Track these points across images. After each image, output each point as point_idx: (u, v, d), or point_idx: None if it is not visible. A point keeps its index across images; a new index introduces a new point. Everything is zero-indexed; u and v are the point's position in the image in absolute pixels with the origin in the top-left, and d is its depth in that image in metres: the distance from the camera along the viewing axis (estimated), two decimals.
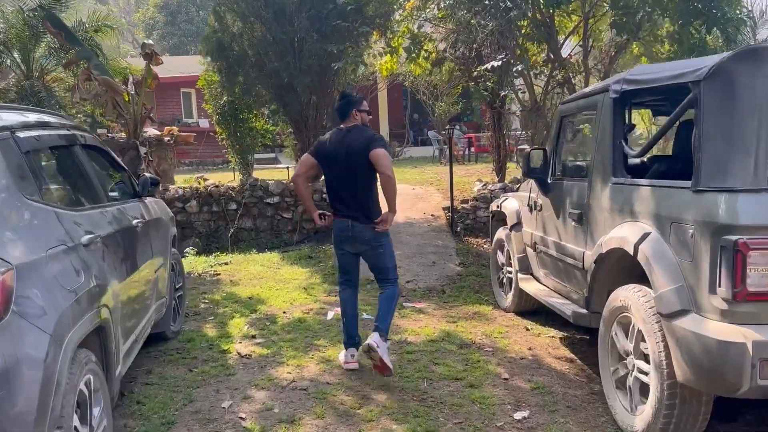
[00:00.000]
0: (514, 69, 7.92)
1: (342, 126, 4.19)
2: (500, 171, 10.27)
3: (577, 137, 5.47)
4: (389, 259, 4.25)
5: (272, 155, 15.69)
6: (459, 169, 14.73)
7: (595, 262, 3.71)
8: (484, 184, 10.27)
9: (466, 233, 9.45)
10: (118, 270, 3.32)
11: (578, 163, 4.96)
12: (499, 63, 7.96)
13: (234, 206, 9.54)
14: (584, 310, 4.01)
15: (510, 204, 5.75)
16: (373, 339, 3.93)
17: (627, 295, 3.27)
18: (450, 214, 9.41)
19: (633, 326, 3.23)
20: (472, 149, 17.60)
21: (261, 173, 14.56)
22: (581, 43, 9.07)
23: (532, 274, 5.32)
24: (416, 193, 10.71)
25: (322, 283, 6.96)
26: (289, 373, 4.24)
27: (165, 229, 4.92)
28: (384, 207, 4.16)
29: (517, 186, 6.26)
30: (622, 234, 3.37)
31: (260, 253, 8.67)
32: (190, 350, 4.75)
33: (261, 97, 9.64)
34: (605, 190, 3.74)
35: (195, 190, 9.65)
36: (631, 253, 3.18)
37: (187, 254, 8.51)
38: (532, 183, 5.15)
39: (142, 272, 3.90)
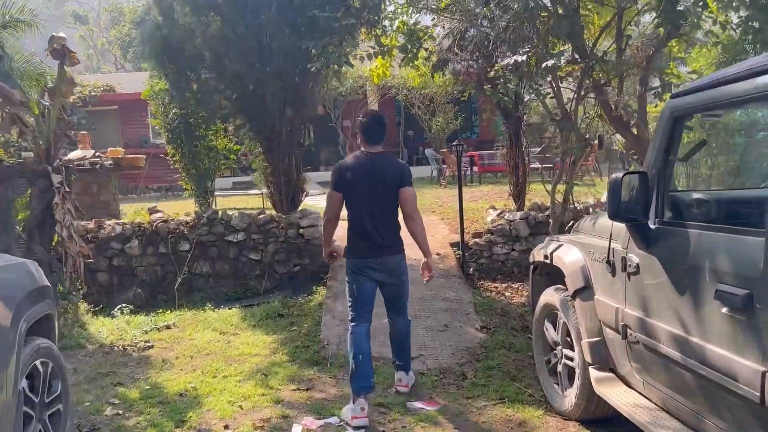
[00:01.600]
0: (543, 65, 6.04)
1: (367, 151, 3.96)
2: (519, 196, 8.37)
3: (723, 152, 3.54)
4: (407, 289, 4.19)
5: (248, 178, 13.68)
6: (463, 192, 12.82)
7: None
8: (500, 213, 8.36)
9: (482, 276, 7.53)
10: None
11: (726, 197, 3.04)
12: (524, 57, 6.08)
13: (186, 246, 7.56)
14: None
15: (569, 255, 3.80)
16: (402, 383, 4.19)
17: None
18: (460, 251, 7.48)
19: None
20: (475, 169, 15.70)
21: (233, 201, 12.61)
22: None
23: (614, 371, 3.37)
24: None
25: (291, 362, 4.98)
26: None
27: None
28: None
29: (570, 223, 4.22)
30: None
31: (217, 309, 6.67)
32: None
33: (221, 108, 7.72)
34: None
35: (138, 226, 7.67)
36: None
37: (115, 316, 6.50)
38: (613, 226, 3.22)
39: None
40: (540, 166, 8.88)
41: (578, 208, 7.60)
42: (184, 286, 7.52)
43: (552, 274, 4.18)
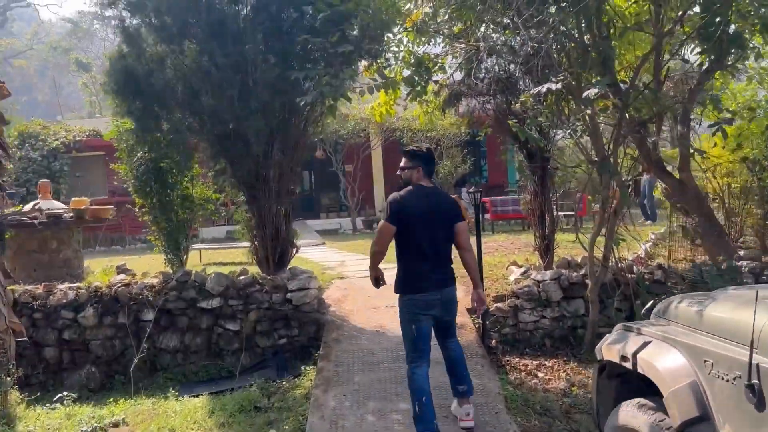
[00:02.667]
0: (585, 95, 4.91)
1: (421, 184, 4.00)
2: (546, 251, 7.13)
3: None
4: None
5: (232, 227, 12.39)
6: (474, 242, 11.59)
7: None
8: (525, 271, 7.11)
9: (506, 350, 6.25)
10: None
11: None
12: (558, 85, 4.96)
13: (151, 315, 6.32)
14: None
15: (666, 361, 2.53)
16: (469, 417, 4.13)
17: None
18: (480, 320, 6.21)
19: None
20: (487, 216, 14.52)
21: (221, 255, 11.39)
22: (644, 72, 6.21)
23: None
24: None
25: None
26: None
27: None
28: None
29: (657, 306, 2.90)
30: None
31: (181, 398, 5.37)
32: None
33: (196, 151, 6.60)
34: None
35: (94, 291, 6.45)
36: None
37: (55, 409, 5.22)
38: (757, 327, 1.99)
39: None
40: (558, 213, 7.73)
41: (621, 266, 6.35)
42: (146, 364, 6.25)
43: (627, 375, 2.93)
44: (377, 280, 4.18)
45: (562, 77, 5.18)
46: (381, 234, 3.98)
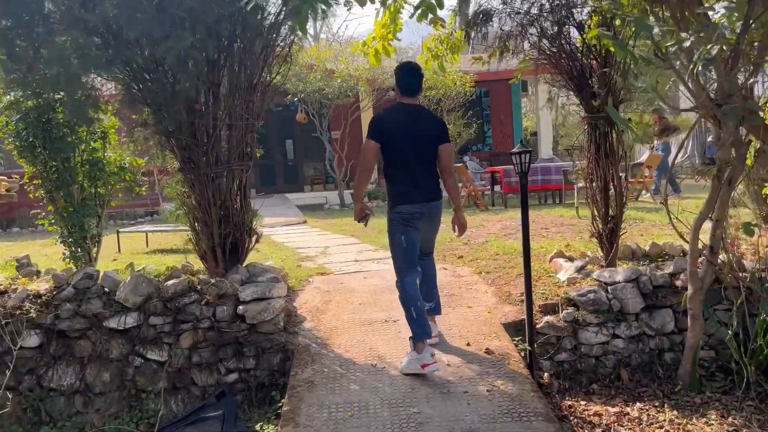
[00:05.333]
0: None
1: (402, 102, 4.00)
2: (611, 237, 5.07)
3: None
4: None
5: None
6: (487, 220, 9.55)
7: None
8: (582, 267, 5.08)
9: (565, 387, 4.28)
10: None
11: None
12: None
13: (36, 340, 4.25)
14: None
15: None
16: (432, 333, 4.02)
17: None
18: (526, 344, 4.19)
19: None
20: (497, 188, 12.44)
21: (171, 239, 9.18)
22: None
23: None
24: (439, 282, 5.44)
25: None
26: None
27: None
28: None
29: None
30: None
31: None
32: None
33: (94, 91, 4.43)
34: None
35: None
36: None
37: None
38: None
39: None
40: (627, 184, 5.58)
41: (730, 261, 4.32)
42: (26, 412, 4.20)
43: None
44: (363, 213, 4.03)
45: None
46: (364, 152, 3.94)
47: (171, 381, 4.27)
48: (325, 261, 6.64)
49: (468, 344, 4.17)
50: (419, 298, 3.90)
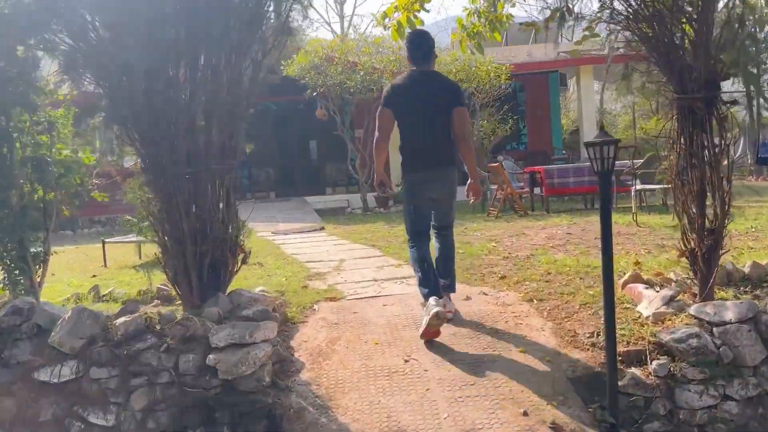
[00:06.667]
0: None
1: (413, 69, 3.96)
2: (708, 257, 3.81)
3: None
4: (454, 204, 4.19)
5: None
6: (529, 228, 8.32)
7: None
8: (673, 297, 3.85)
9: None
10: None
11: None
12: None
13: None
14: None
15: None
16: (447, 304, 3.95)
17: None
18: (608, 408, 2.99)
19: None
20: (537, 190, 11.18)
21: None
22: None
23: None
24: (478, 313, 4.25)
25: None
26: None
27: None
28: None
29: None
30: None
31: None
32: None
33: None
34: None
35: None
36: None
37: None
38: None
39: None
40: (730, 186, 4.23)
41: None
42: None
43: None
44: (383, 185, 4.08)
45: None
46: (379, 120, 3.93)
47: None
48: (338, 280, 5.50)
49: (525, 413, 2.99)
50: (426, 260, 3.94)
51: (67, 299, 4.54)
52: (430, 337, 3.71)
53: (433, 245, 4.20)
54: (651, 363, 3.32)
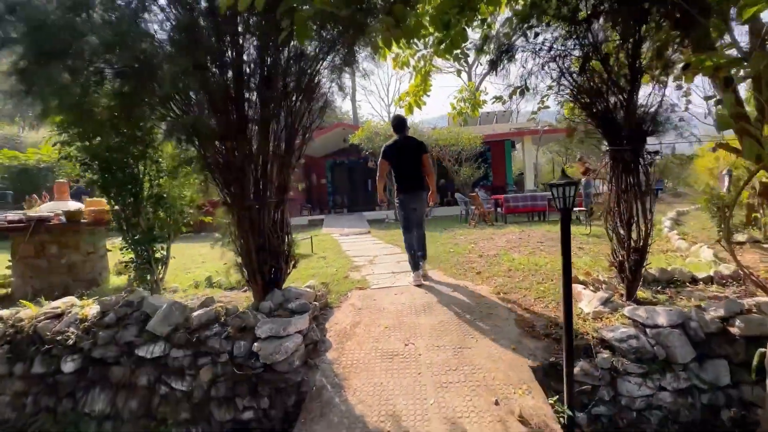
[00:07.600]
0: None
1: (398, 136, 3.75)
2: (633, 273, 2.75)
3: None
4: (424, 212, 3.83)
5: (320, 216, 7.45)
6: (495, 234, 7.23)
7: None
8: (608, 299, 2.78)
9: None
10: None
11: None
12: None
13: (72, 365, 2.46)
14: None
15: None
16: (421, 270, 3.78)
17: None
18: (564, 407, 1.99)
19: None
20: (500, 210, 10.02)
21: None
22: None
23: None
24: (460, 303, 3.31)
25: None
26: None
27: None
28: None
29: None
30: None
31: None
32: None
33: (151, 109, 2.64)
34: None
35: (13, 326, 2.64)
36: None
37: None
38: None
39: None
40: (651, 213, 3.22)
41: None
42: None
43: None
44: (382, 202, 3.91)
45: None
46: (380, 166, 3.73)
47: (192, 412, 2.38)
48: (368, 272, 4.61)
49: (497, 402, 2.04)
50: (413, 246, 3.81)
51: (190, 285, 3.82)
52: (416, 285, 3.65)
53: (415, 234, 3.97)
54: (596, 356, 2.31)
